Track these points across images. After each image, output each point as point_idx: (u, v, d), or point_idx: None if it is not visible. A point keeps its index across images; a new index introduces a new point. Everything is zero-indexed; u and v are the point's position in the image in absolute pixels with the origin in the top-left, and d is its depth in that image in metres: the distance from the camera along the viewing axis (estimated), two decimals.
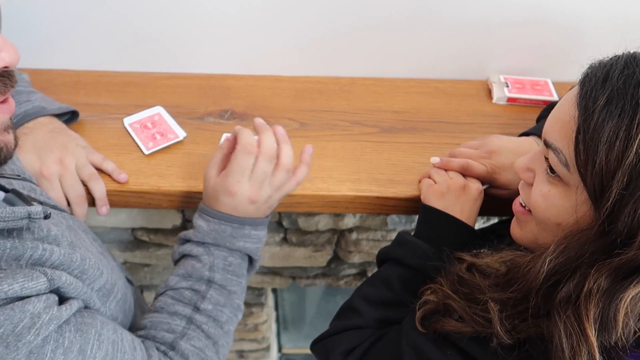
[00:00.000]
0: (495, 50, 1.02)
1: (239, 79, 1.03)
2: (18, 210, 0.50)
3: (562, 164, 0.53)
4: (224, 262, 0.70)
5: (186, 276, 0.69)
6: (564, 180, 0.54)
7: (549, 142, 0.54)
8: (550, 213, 0.56)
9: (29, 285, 0.48)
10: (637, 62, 0.50)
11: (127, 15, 0.95)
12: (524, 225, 0.62)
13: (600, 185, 0.49)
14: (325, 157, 0.87)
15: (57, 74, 1.01)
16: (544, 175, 0.56)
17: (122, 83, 1.00)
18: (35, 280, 0.49)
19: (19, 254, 0.51)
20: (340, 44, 1.00)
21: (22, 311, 0.47)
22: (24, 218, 0.51)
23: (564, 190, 0.54)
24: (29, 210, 0.51)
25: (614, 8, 0.94)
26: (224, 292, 0.69)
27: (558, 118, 0.54)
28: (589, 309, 0.48)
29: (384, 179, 0.84)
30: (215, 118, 0.94)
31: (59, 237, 0.57)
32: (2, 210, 0.50)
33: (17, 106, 0.75)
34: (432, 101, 1.00)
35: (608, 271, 0.49)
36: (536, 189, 0.57)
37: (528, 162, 0.60)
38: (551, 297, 0.51)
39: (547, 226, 0.57)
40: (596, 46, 0.96)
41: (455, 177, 0.75)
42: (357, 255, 1.24)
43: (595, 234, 0.50)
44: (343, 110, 0.97)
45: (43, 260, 0.53)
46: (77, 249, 0.58)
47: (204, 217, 0.71)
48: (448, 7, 0.95)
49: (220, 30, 0.98)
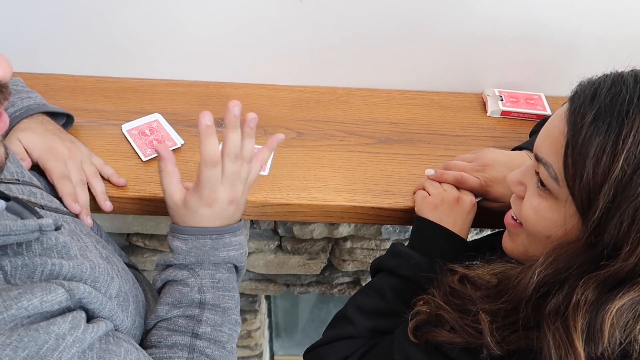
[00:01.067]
0: (490, 65, 1.03)
1: (237, 87, 1.04)
2: (29, 223, 0.50)
3: (552, 178, 0.54)
4: (212, 280, 0.67)
5: (176, 304, 0.65)
6: (554, 194, 0.55)
7: (540, 157, 0.56)
8: (540, 226, 0.57)
9: (48, 298, 0.48)
10: (623, 81, 0.51)
11: (125, 21, 0.96)
12: (515, 238, 0.63)
13: (587, 198, 0.50)
14: (321, 167, 0.88)
15: (55, 79, 1.02)
16: (535, 188, 0.58)
17: (120, 89, 1.01)
18: (54, 293, 0.49)
19: (31, 271, 0.51)
20: (337, 54, 1.02)
21: (46, 332, 0.46)
22: (35, 231, 0.51)
23: (554, 203, 0.55)
24: (40, 223, 0.51)
25: (605, 27, 0.96)
26: (219, 311, 0.66)
27: (548, 133, 0.56)
28: (577, 320, 0.49)
29: (379, 189, 0.85)
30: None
31: (68, 244, 0.57)
32: (14, 223, 0.49)
33: (18, 102, 0.77)
34: (428, 113, 1.01)
35: (595, 283, 0.50)
36: (527, 202, 0.58)
37: (520, 176, 0.61)
38: (540, 308, 0.52)
39: (537, 238, 0.58)
40: (588, 62, 0.99)
41: (449, 190, 0.76)
42: (351, 263, 1.24)
43: (582, 246, 0.51)
44: (339, 121, 0.98)
45: (55, 275, 0.52)
46: (85, 257, 0.58)
47: (179, 236, 0.68)
48: (444, 21, 0.96)
49: (218, 38, 0.99)
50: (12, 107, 0.77)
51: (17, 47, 0.98)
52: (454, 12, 0.95)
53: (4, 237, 0.48)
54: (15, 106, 0.77)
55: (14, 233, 0.49)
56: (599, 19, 0.94)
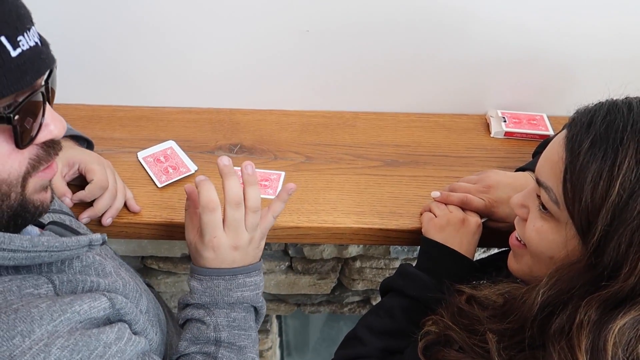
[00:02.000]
0: (493, 87, 1.06)
1: (247, 113, 1.07)
2: (82, 239, 0.56)
3: (553, 201, 0.56)
4: (227, 319, 0.69)
5: (194, 340, 0.68)
6: (555, 217, 0.57)
7: (541, 181, 0.58)
8: (543, 247, 0.59)
9: (95, 304, 0.53)
10: (618, 109, 0.54)
11: (139, 53, 1.00)
12: (519, 259, 0.65)
13: (586, 221, 0.53)
14: (330, 190, 0.91)
15: (73, 109, 1.06)
16: (537, 211, 0.60)
17: (135, 117, 1.05)
18: (99, 300, 0.54)
19: (74, 286, 0.56)
20: (343, 80, 1.05)
21: (97, 339, 0.51)
22: (86, 245, 0.56)
23: (555, 225, 0.57)
24: (91, 238, 0.57)
25: (601, 50, 0.99)
26: (234, 349, 0.68)
27: (548, 158, 0.58)
28: (581, 340, 0.51)
29: (387, 211, 0.88)
30: (225, 152, 0.98)
31: (103, 263, 0.62)
32: (69, 239, 0.55)
33: None
34: (433, 135, 1.04)
35: (597, 303, 0.52)
36: (530, 224, 0.61)
37: (522, 199, 0.63)
38: (545, 328, 0.54)
39: (540, 259, 0.60)
40: (586, 83, 1.02)
41: (455, 211, 0.79)
42: (360, 283, 1.26)
43: (584, 267, 0.54)
44: (347, 144, 1.01)
45: (95, 289, 0.57)
46: (118, 275, 0.63)
47: (196, 276, 0.70)
48: (447, 46, 1.00)
49: (228, 66, 1.03)
50: None
51: None
52: (457, 38, 0.98)
53: (60, 253, 0.54)
54: None
55: (69, 248, 0.54)
56: (595, 43, 0.98)
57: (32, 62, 0.49)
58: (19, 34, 0.48)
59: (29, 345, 0.46)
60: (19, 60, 0.48)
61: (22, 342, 0.46)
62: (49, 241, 0.52)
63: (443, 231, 0.77)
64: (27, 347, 0.46)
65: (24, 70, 0.48)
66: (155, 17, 0.95)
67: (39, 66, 0.50)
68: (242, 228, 0.69)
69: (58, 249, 0.53)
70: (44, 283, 0.54)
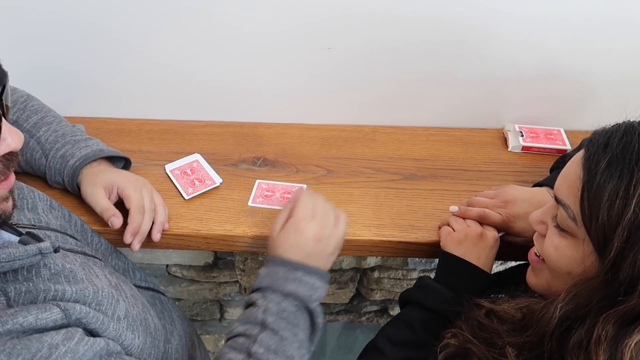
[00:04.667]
0: (510, 101, 1.08)
1: (270, 127, 1.11)
2: (30, 248, 0.55)
3: (571, 218, 0.58)
4: (278, 306, 0.71)
5: (243, 320, 0.71)
6: (573, 233, 0.59)
7: (559, 198, 0.60)
8: (561, 262, 0.61)
9: (43, 316, 0.52)
10: (634, 130, 0.56)
11: (166, 68, 1.04)
12: (538, 273, 0.67)
13: (603, 238, 0.54)
14: (351, 203, 0.94)
15: (102, 122, 1.10)
16: (555, 227, 0.62)
17: (162, 131, 1.09)
18: (49, 312, 0.53)
19: (34, 297, 0.55)
20: (363, 95, 1.08)
21: (39, 341, 0.50)
22: (37, 254, 0.56)
23: (573, 242, 0.59)
24: (39, 247, 0.56)
25: (616, 66, 1.01)
26: (275, 337, 0.69)
27: (567, 177, 0.60)
28: (599, 354, 0.52)
29: (406, 224, 0.90)
30: (248, 165, 1.01)
31: (74, 270, 0.62)
32: (16, 250, 0.55)
33: (77, 151, 0.85)
34: (451, 149, 1.06)
35: (614, 318, 0.53)
36: (548, 240, 0.63)
37: (541, 215, 0.65)
38: (564, 342, 0.56)
39: (559, 274, 0.62)
40: (602, 98, 1.04)
41: (472, 226, 0.81)
42: (378, 292, 1.28)
43: (601, 282, 0.55)
44: (367, 158, 1.03)
45: (58, 299, 0.56)
46: (90, 281, 0.62)
47: (266, 264, 0.75)
48: (466, 62, 1.02)
49: (252, 82, 1.06)
50: (72, 158, 0.84)
51: (69, 93, 1.07)
52: (475, 54, 1.00)
53: (10, 263, 0.54)
54: (75, 157, 0.84)
55: (18, 258, 0.54)
56: (610, 59, 1.00)
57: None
58: None
59: None
60: None
61: None
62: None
63: (461, 245, 0.79)
64: None
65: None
66: (183, 36, 0.99)
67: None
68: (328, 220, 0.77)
69: (5, 260, 0.54)
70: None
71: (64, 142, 0.86)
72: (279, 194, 0.95)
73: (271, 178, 0.98)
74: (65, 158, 0.85)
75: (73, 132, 0.88)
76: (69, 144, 0.86)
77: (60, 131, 0.88)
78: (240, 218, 0.90)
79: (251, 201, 0.93)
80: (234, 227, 0.88)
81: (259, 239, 0.88)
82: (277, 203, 0.93)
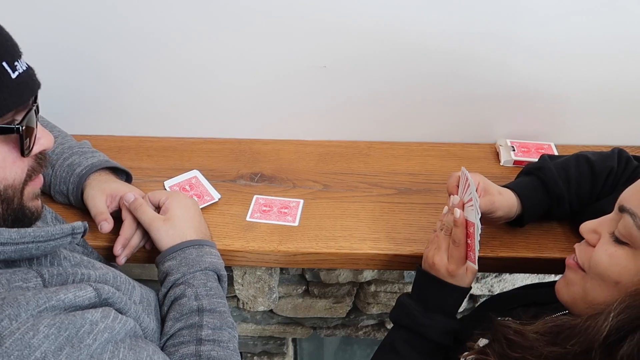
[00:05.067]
0: (502, 117, 1.11)
1: (267, 143, 1.13)
2: (65, 227, 0.61)
3: (637, 227, 0.58)
4: (205, 288, 0.75)
5: (178, 317, 0.72)
6: (631, 243, 0.59)
7: (627, 207, 0.60)
8: (611, 271, 0.60)
9: (80, 294, 0.57)
10: None
11: (164, 87, 1.07)
12: (573, 281, 0.66)
13: None
14: (347, 217, 0.95)
15: (103, 140, 1.12)
16: (610, 237, 0.62)
17: (161, 148, 1.11)
18: (84, 290, 0.58)
19: (64, 279, 0.61)
20: (358, 111, 1.10)
21: (82, 318, 0.55)
22: (69, 234, 0.62)
23: (631, 252, 0.59)
24: (73, 226, 0.62)
25: (600, 83, 1.05)
26: (216, 315, 0.72)
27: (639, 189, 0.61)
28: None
29: (401, 237, 0.92)
30: (246, 181, 1.03)
31: (91, 261, 0.68)
32: (52, 228, 0.60)
33: (84, 161, 0.88)
34: (444, 164, 1.08)
35: None
36: (602, 249, 0.62)
37: (596, 225, 0.65)
38: (613, 352, 0.53)
39: (604, 284, 0.61)
40: (592, 114, 1.06)
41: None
42: (375, 306, 1.29)
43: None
44: (362, 173, 1.06)
45: (85, 280, 0.62)
46: (108, 269, 0.69)
47: (168, 258, 0.78)
48: (458, 79, 1.05)
49: (249, 99, 1.09)
50: (79, 166, 0.87)
51: (70, 112, 1.10)
52: (467, 72, 1.03)
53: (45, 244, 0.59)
54: (82, 165, 0.87)
55: (54, 237, 0.60)
56: (598, 76, 1.03)
57: (26, 83, 0.58)
58: (15, 59, 0.57)
59: (17, 327, 0.50)
60: (18, 80, 0.56)
61: (10, 324, 0.50)
62: (34, 231, 0.58)
63: None
64: (15, 328, 0.50)
65: (22, 89, 0.57)
66: (182, 55, 1.02)
67: (32, 86, 0.59)
68: None
69: (44, 239, 0.59)
70: (33, 277, 0.58)
71: (71, 153, 0.89)
72: (277, 208, 0.96)
73: (269, 193, 1.00)
74: (72, 167, 0.88)
75: (80, 145, 0.92)
76: (76, 155, 0.89)
77: (66, 144, 0.91)
78: (239, 233, 0.92)
79: (249, 216, 0.95)
80: (233, 241, 0.90)
81: (257, 253, 0.90)
82: (275, 218, 0.94)
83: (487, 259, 0.88)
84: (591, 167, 0.86)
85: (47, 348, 0.51)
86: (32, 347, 0.50)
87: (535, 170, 0.87)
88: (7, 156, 0.58)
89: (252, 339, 1.43)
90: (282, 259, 0.91)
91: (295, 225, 0.94)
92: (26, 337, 0.50)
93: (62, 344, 0.52)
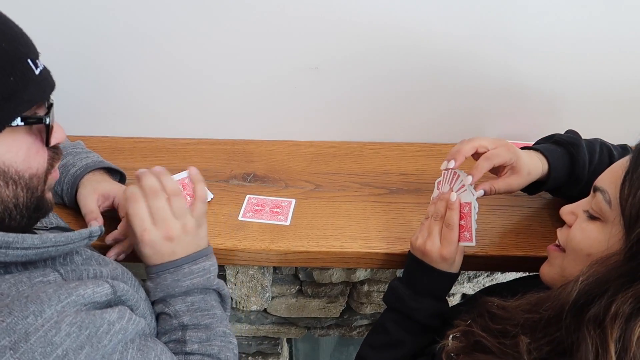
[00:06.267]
0: (497, 117, 1.12)
1: (260, 144, 1.14)
2: (83, 231, 0.63)
3: (606, 202, 0.63)
4: (185, 304, 0.73)
5: (162, 332, 0.73)
6: (602, 218, 0.64)
7: (598, 186, 0.65)
8: (584, 244, 0.65)
9: (98, 290, 0.59)
10: None
11: (157, 88, 1.08)
12: (553, 262, 0.71)
13: (635, 215, 0.58)
14: (338, 216, 0.96)
15: (97, 140, 1.13)
16: (585, 216, 0.67)
17: (155, 148, 1.12)
18: (102, 287, 0.60)
19: (79, 275, 0.63)
20: (351, 112, 1.11)
21: (101, 318, 0.57)
22: (87, 237, 0.64)
23: (601, 225, 0.64)
24: (91, 230, 0.64)
25: (585, 87, 1.06)
26: (201, 328, 0.72)
27: (612, 169, 0.65)
28: (613, 331, 0.54)
29: (392, 236, 0.93)
30: (239, 181, 1.04)
31: (101, 255, 0.69)
32: (72, 233, 0.62)
33: (78, 162, 0.89)
34: (436, 164, 1.08)
35: (631, 297, 0.55)
36: (577, 226, 0.67)
37: (574, 207, 0.70)
38: (581, 315, 0.57)
39: (577, 257, 0.66)
40: (588, 114, 1.07)
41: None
42: (368, 306, 1.30)
43: (623, 259, 0.58)
44: (354, 173, 1.07)
45: (98, 276, 0.64)
46: (117, 264, 0.71)
47: (149, 277, 0.74)
48: (450, 80, 1.06)
49: (243, 100, 1.10)
50: (73, 167, 0.88)
51: (65, 113, 1.10)
52: (458, 73, 1.05)
53: (64, 246, 0.61)
54: (76, 166, 0.88)
55: (73, 241, 0.62)
56: (588, 78, 1.04)
57: (46, 79, 0.62)
58: (36, 57, 0.61)
59: (41, 323, 0.52)
60: (40, 77, 0.60)
61: (35, 321, 0.52)
62: (55, 237, 0.60)
63: None
64: (39, 325, 0.52)
65: (44, 85, 0.61)
66: (176, 56, 1.02)
67: (51, 82, 0.63)
68: (170, 216, 0.72)
69: (64, 243, 0.61)
70: (51, 272, 0.61)
71: (65, 154, 0.90)
72: (269, 208, 0.97)
73: (261, 193, 1.01)
74: (66, 167, 0.88)
75: (74, 146, 0.92)
76: (70, 155, 0.90)
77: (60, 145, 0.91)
78: (231, 232, 0.93)
79: (241, 215, 0.96)
80: (224, 240, 0.91)
81: (249, 252, 0.91)
82: (267, 217, 0.95)
83: (477, 258, 0.89)
84: (611, 160, 0.88)
85: (69, 346, 0.53)
86: (54, 345, 0.52)
87: (569, 145, 0.87)
88: (31, 146, 0.61)
89: (247, 339, 1.44)
90: (273, 257, 0.92)
91: (287, 225, 0.94)
92: (49, 334, 0.52)
93: (82, 343, 0.54)
